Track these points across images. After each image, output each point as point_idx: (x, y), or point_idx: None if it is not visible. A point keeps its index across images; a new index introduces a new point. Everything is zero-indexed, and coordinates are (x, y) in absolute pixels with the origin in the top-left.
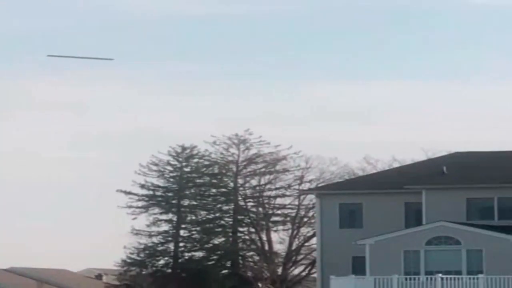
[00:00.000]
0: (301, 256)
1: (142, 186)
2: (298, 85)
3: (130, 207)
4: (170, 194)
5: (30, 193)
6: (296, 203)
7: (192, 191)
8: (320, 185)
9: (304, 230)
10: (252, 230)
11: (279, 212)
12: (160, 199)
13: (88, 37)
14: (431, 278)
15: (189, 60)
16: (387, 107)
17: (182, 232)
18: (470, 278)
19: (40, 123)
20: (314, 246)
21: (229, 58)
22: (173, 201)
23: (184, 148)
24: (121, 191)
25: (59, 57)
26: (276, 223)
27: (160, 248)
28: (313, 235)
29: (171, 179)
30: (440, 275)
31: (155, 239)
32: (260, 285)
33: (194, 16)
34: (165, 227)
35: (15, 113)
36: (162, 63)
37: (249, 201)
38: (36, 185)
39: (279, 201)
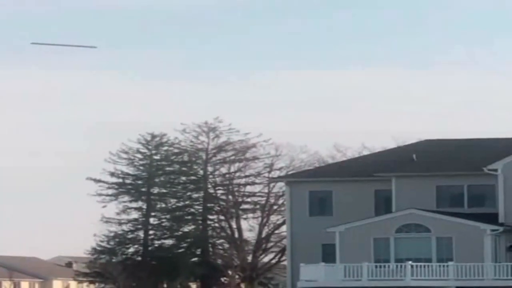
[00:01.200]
0: (271, 244)
1: (112, 174)
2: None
3: (100, 195)
4: (139, 182)
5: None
6: (266, 190)
7: (162, 179)
8: (290, 172)
9: (274, 218)
10: (222, 218)
11: (249, 200)
12: (129, 187)
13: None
14: (401, 266)
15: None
16: (357, 95)
17: (152, 220)
18: (440, 266)
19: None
20: (284, 233)
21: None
22: (143, 189)
23: (153, 136)
24: (91, 179)
25: (43, 45)
26: (246, 210)
27: (130, 236)
28: (283, 223)
29: (141, 167)
30: (410, 262)
31: (125, 227)
32: (230, 272)
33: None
34: (135, 215)
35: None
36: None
37: (219, 189)
38: (6, 173)
39: (249, 188)
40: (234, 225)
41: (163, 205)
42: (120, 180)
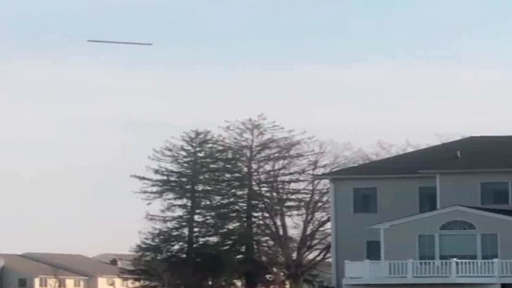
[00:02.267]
0: (316, 241)
1: (156, 172)
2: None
3: (144, 192)
4: (184, 179)
5: (46, 179)
6: (310, 188)
7: (206, 176)
8: (334, 170)
9: (319, 215)
10: (266, 215)
11: (293, 197)
12: (174, 184)
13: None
14: (446, 263)
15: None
16: (400, 91)
17: (196, 217)
18: (485, 263)
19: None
20: (329, 231)
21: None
22: (187, 186)
23: (197, 133)
24: (135, 176)
25: (99, 42)
26: (290, 208)
27: (174, 233)
28: (328, 220)
29: (185, 164)
30: (455, 259)
31: (169, 224)
32: (274, 270)
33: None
34: (179, 212)
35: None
36: (174, 51)
37: (263, 186)
38: (52, 171)
39: (293, 186)
40: (278, 222)
41: (208, 203)
42: (165, 178)
